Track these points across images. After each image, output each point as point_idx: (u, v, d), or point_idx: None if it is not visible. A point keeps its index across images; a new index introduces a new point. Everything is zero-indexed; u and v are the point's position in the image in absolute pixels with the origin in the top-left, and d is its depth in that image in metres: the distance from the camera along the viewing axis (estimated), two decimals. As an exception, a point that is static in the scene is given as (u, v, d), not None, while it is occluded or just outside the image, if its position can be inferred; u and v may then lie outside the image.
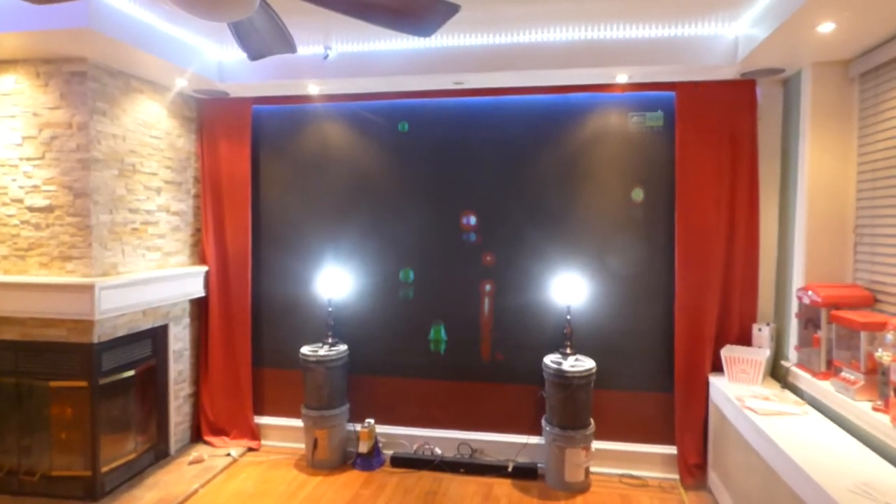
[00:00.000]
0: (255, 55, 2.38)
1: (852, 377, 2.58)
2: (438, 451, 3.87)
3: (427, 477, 3.67)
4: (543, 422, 3.58)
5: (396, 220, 3.93)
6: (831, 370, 2.78)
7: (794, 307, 3.16)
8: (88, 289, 3.06)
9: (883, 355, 2.37)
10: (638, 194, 3.61)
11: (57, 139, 3.18)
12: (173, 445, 3.89)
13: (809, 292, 2.90)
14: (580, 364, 3.48)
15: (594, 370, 3.48)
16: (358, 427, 3.85)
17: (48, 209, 3.20)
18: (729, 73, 3.33)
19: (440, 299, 3.90)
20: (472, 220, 3.84)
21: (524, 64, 3.33)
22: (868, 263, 2.87)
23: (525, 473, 3.65)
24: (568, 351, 3.59)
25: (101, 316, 3.11)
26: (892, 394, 2.23)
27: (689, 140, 3.46)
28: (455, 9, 1.97)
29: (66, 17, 2.69)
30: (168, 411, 3.84)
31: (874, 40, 2.70)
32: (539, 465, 3.68)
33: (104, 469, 3.29)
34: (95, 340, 3.17)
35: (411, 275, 3.90)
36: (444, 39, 3.37)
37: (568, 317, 3.62)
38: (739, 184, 3.43)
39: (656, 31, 3.19)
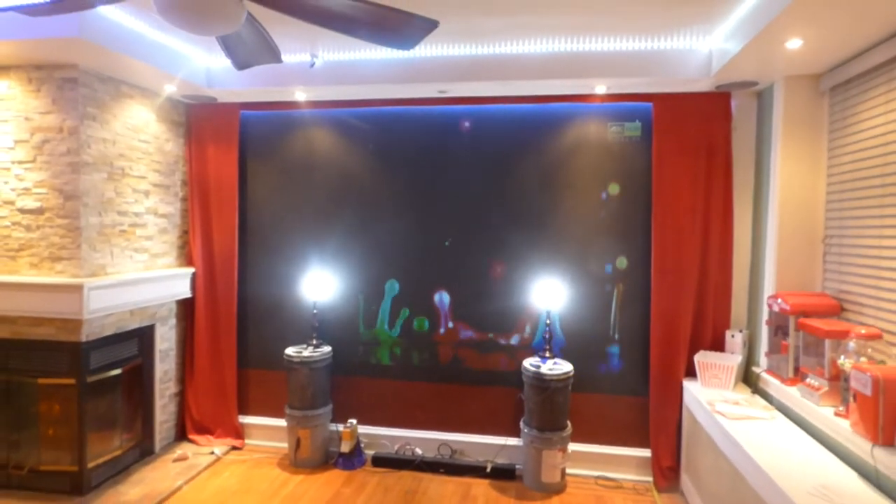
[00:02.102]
0: (241, 65, 2.46)
1: (817, 383, 2.64)
2: (419, 451, 3.94)
3: (407, 476, 3.74)
4: (522, 424, 3.64)
5: (380, 225, 4.00)
6: (798, 376, 2.85)
7: (765, 314, 3.23)
8: (77, 289, 3.13)
9: (845, 362, 2.44)
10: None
11: (48, 143, 3.26)
12: (158, 443, 3.96)
13: (779, 300, 2.97)
14: (558, 367, 3.55)
15: (572, 374, 3.55)
16: (340, 427, 3.91)
17: (39, 211, 3.28)
18: (704, 86, 3.40)
19: (422, 302, 3.97)
20: (455, 223, 3.92)
21: (505, 74, 3.40)
22: (836, 273, 2.94)
23: (503, 474, 3.72)
24: (547, 355, 3.66)
25: (89, 315, 3.18)
26: (852, 400, 2.30)
27: (665, 150, 3.53)
28: (433, 25, 2.04)
29: (57, 27, 2.77)
30: (154, 410, 3.91)
31: (843, 56, 2.77)
32: (517, 466, 3.75)
33: (91, 465, 3.36)
34: (83, 339, 3.24)
35: (396, 286, 3.98)
36: (428, 50, 3.44)
37: (547, 321, 3.69)
38: (714, 193, 3.50)
39: (633, 45, 3.27)
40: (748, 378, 3.43)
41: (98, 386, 3.42)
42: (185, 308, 4.16)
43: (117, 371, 3.57)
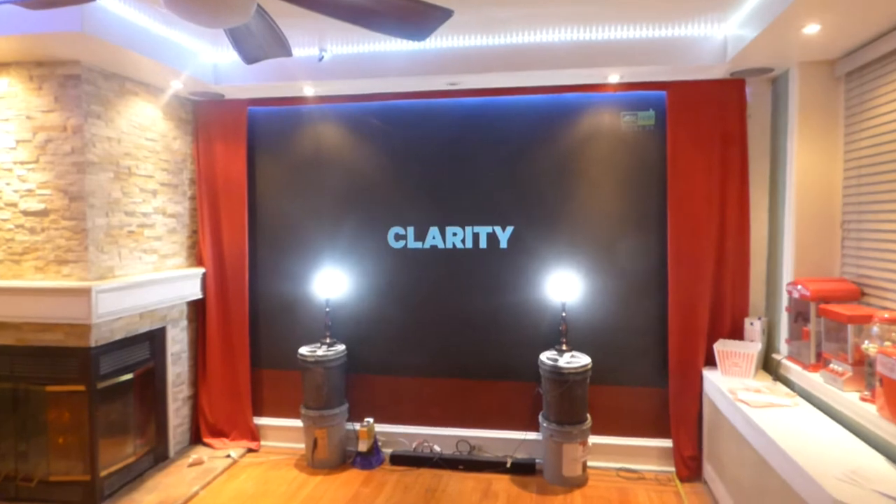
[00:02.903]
0: (250, 59, 2.39)
1: (840, 369, 2.65)
2: (437, 448, 3.91)
3: (426, 474, 3.70)
4: (540, 418, 3.63)
5: (392, 219, 3.95)
6: (820, 362, 2.85)
7: (784, 301, 3.23)
8: (85, 292, 3.05)
9: (869, 347, 2.45)
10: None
11: (51, 142, 3.17)
12: (172, 448, 3.89)
13: (799, 286, 2.97)
14: (576, 360, 3.54)
15: (590, 366, 3.53)
16: (357, 426, 3.87)
17: (43, 213, 3.19)
18: (719, 73, 3.39)
19: (437, 298, 3.93)
20: (468, 219, 3.88)
21: (518, 65, 3.37)
22: (854, 258, 2.95)
23: (523, 469, 3.70)
24: (564, 347, 3.64)
25: (98, 319, 3.10)
26: (878, 384, 2.30)
27: (680, 138, 3.52)
28: (448, 14, 2.00)
29: (60, 21, 2.68)
30: (167, 414, 3.84)
31: (858, 41, 2.77)
32: (537, 460, 3.74)
33: (103, 473, 3.28)
34: (93, 344, 3.16)
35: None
36: (439, 41, 3.39)
37: (563, 313, 3.67)
38: (730, 181, 3.50)
39: (647, 32, 3.25)
40: (768, 365, 3.44)
41: (109, 392, 3.34)
42: (197, 309, 4.09)
43: (128, 376, 3.49)
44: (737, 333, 3.52)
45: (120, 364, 3.42)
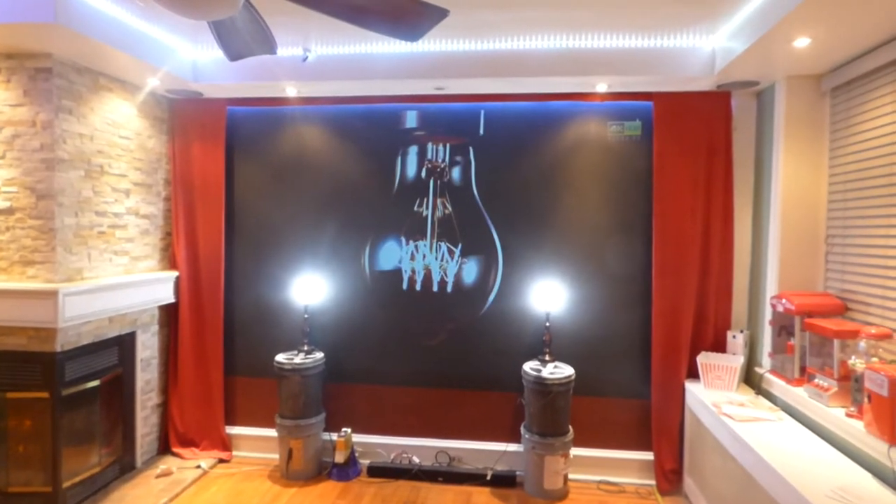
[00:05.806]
0: (234, 56, 2.31)
1: (825, 384, 2.63)
2: (416, 459, 3.83)
3: (405, 486, 3.62)
4: (522, 429, 3.56)
5: (374, 225, 3.87)
6: (804, 377, 2.84)
7: (767, 314, 3.22)
8: (51, 295, 2.92)
9: (856, 363, 2.44)
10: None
11: (19, 138, 3.03)
12: (140, 458, 3.75)
13: (783, 300, 2.96)
14: (559, 371, 3.48)
15: (573, 377, 3.48)
16: (334, 436, 3.77)
17: (8, 211, 3.05)
18: (705, 85, 3.39)
19: (418, 306, 3.85)
20: (451, 224, 3.82)
21: (505, 71, 3.33)
22: (839, 273, 2.95)
23: (504, 481, 3.63)
24: (547, 358, 3.59)
25: (64, 323, 2.97)
26: (866, 400, 2.28)
27: (666, 149, 3.51)
28: (444, 14, 1.96)
29: (32, 11, 2.56)
30: (135, 422, 3.70)
31: (845, 56, 2.78)
32: (518, 472, 3.67)
33: (66, 484, 3.14)
34: (58, 349, 3.02)
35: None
36: (426, 44, 3.33)
37: (547, 324, 3.62)
38: (715, 193, 3.49)
39: (636, 42, 3.23)
40: (750, 379, 3.43)
41: (74, 399, 3.20)
42: (169, 314, 3.96)
43: (95, 382, 3.36)
44: (719, 346, 3.50)
45: (86, 370, 3.29)
